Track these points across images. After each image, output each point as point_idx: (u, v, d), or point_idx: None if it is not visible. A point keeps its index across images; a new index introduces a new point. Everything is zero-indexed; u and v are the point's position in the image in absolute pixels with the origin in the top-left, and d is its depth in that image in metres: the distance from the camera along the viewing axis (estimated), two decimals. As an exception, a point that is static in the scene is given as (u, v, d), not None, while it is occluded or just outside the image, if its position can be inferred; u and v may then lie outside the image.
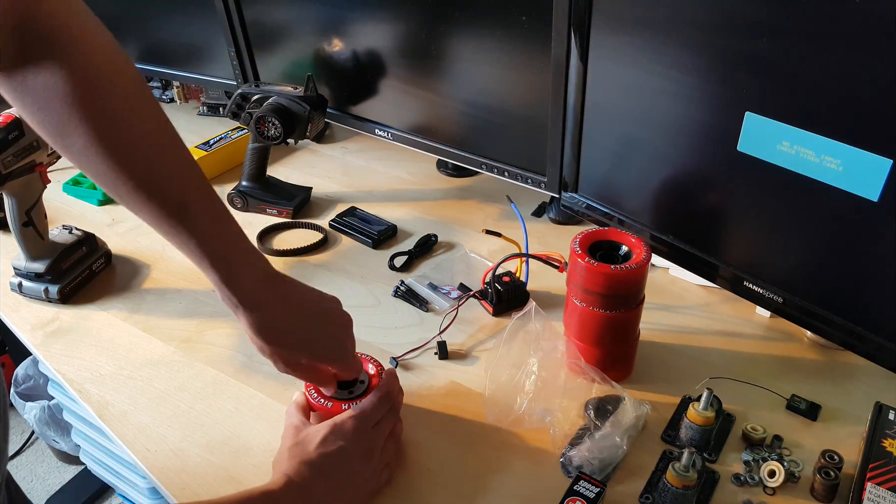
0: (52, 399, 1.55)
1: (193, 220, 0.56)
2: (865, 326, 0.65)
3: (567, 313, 0.77)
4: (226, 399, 0.78)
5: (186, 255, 0.58)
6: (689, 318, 0.87)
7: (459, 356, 0.82)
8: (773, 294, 0.72)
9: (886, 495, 0.59)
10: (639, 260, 0.70)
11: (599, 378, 0.72)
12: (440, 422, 0.73)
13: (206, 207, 0.57)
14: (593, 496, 0.61)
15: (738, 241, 0.75)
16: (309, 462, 0.61)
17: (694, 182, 0.76)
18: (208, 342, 0.86)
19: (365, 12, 1.05)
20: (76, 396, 0.79)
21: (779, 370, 0.78)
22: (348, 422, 0.64)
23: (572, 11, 0.80)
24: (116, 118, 0.53)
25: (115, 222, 1.13)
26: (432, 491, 0.66)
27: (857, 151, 0.58)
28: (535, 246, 0.94)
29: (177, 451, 0.72)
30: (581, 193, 0.92)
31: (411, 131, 1.11)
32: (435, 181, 1.23)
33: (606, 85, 0.81)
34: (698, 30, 0.68)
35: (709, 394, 0.67)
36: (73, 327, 0.90)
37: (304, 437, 0.63)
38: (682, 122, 0.74)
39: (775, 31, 0.61)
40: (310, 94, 1.06)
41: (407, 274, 0.98)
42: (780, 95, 0.63)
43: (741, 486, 0.65)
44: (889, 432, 0.66)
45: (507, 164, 1.00)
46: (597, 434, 0.66)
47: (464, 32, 0.94)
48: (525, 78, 0.91)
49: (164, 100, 1.60)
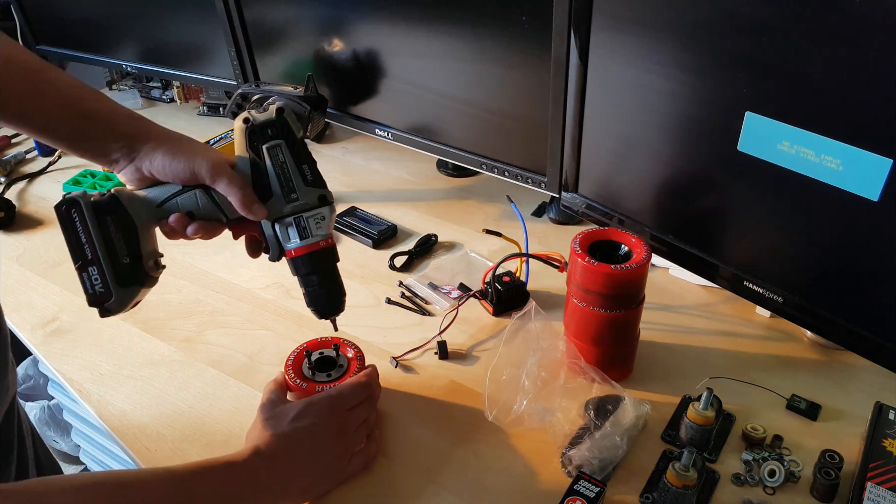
0: (52, 399, 1.55)
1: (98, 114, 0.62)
2: (865, 326, 0.65)
3: (567, 313, 0.77)
4: (226, 399, 0.78)
5: (113, 150, 0.62)
6: (689, 318, 0.87)
7: (459, 356, 0.82)
8: (773, 294, 0.72)
9: (886, 495, 0.59)
10: (639, 260, 0.70)
11: (599, 378, 0.72)
12: (440, 421, 0.73)
13: (103, 101, 0.63)
14: (593, 496, 0.61)
15: (738, 241, 0.75)
16: (280, 435, 0.62)
17: (694, 182, 0.76)
18: (208, 342, 0.86)
19: (365, 12, 1.05)
20: (76, 396, 0.79)
21: (779, 370, 0.78)
22: (323, 401, 0.65)
23: (572, 11, 0.80)
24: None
25: (115, 222, 1.13)
26: (432, 490, 0.66)
27: (857, 151, 0.58)
28: (535, 246, 0.94)
29: (177, 451, 0.72)
30: (581, 193, 0.92)
31: (411, 131, 1.11)
32: (435, 181, 1.23)
33: (606, 85, 0.81)
34: (698, 30, 0.68)
35: (709, 394, 0.67)
36: (73, 327, 0.90)
37: (278, 411, 0.64)
38: (682, 121, 0.74)
39: (775, 31, 0.61)
40: (310, 94, 1.06)
41: (407, 274, 0.98)
42: (780, 95, 0.63)
43: (741, 486, 0.65)
44: (889, 432, 0.66)
45: (507, 164, 1.00)
46: (597, 434, 0.66)
47: (464, 32, 0.94)
48: (525, 78, 0.91)
49: (164, 100, 1.60)
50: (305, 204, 0.64)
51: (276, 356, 0.83)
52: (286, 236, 0.65)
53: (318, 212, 0.64)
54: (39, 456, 0.86)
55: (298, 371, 0.72)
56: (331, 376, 0.71)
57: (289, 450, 0.62)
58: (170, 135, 0.64)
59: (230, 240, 0.70)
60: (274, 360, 0.83)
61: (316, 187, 0.64)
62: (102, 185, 1.20)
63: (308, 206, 0.64)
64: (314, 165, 0.65)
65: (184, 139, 0.64)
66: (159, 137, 0.63)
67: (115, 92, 1.63)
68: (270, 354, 0.84)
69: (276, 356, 0.83)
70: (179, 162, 0.61)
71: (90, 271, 0.62)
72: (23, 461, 0.80)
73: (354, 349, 0.74)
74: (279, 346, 0.85)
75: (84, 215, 0.60)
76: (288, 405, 0.65)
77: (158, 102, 1.60)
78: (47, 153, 1.35)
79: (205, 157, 0.62)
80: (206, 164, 0.61)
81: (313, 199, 0.64)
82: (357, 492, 0.66)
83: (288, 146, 0.63)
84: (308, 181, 0.64)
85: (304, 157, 0.64)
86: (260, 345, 0.86)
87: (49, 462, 0.90)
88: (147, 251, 0.64)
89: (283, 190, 0.63)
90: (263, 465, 0.60)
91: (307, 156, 0.64)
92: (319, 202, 0.64)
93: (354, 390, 0.67)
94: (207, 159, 0.62)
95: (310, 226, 0.64)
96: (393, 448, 0.70)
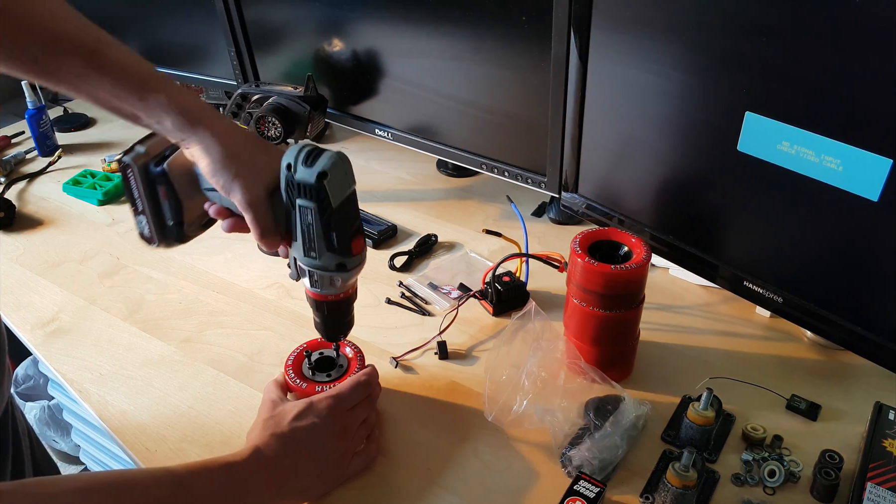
0: (52, 399, 1.55)
1: (112, 55, 0.59)
2: (865, 326, 0.65)
3: (567, 313, 0.77)
4: (226, 399, 0.78)
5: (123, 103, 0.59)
6: (689, 318, 0.87)
7: (459, 356, 0.82)
8: (773, 294, 0.72)
9: (886, 495, 0.59)
10: (639, 260, 0.70)
11: (599, 378, 0.72)
12: (440, 422, 0.73)
13: (119, 45, 0.60)
14: (593, 496, 0.61)
15: (738, 241, 0.75)
16: (279, 435, 0.62)
17: (694, 182, 0.76)
18: (208, 342, 0.86)
19: (365, 12, 1.05)
20: (76, 396, 0.79)
21: (779, 370, 0.78)
22: (324, 401, 0.65)
23: (572, 11, 0.80)
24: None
25: (115, 222, 1.13)
26: (432, 491, 0.66)
27: (857, 151, 0.58)
28: (535, 246, 0.94)
29: (177, 451, 0.72)
30: (581, 193, 0.92)
31: (411, 131, 1.11)
32: (435, 181, 1.23)
33: (606, 85, 0.81)
34: (698, 30, 0.68)
35: (709, 394, 0.67)
36: (73, 327, 0.90)
37: (279, 411, 0.64)
38: (683, 121, 0.74)
39: (775, 31, 0.61)
40: (310, 94, 1.06)
41: (407, 274, 0.98)
42: (780, 95, 0.63)
43: (741, 486, 0.65)
44: (889, 432, 0.66)
45: (507, 164, 1.00)
46: (597, 434, 0.66)
47: (464, 32, 0.94)
48: (525, 78, 0.91)
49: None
50: (322, 265, 0.62)
51: (276, 356, 0.83)
52: (303, 274, 0.64)
53: (332, 275, 0.63)
54: (37, 457, 0.86)
55: (298, 371, 0.72)
56: (331, 376, 0.71)
57: (289, 450, 0.62)
58: (226, 140, 0.60)
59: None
60: (274, 361, 0.83)
61: (337, 255, 0.61)
62: (102, 185, 1.20)
63: (324, 268, 0.62)
64: (345, 232, 0.61)
65: (239, 147, 0.61)
66: (217, 132, 0.60)
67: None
68: (270, 354, 0.84)
69: (276, 356, 0.83)
70: (218, 180, 0.60)
71: (139, 219, 0.68)
72: (18, 463, 0.80)
73: (354, 349, 0.75)
74: (279, 346, 0.85)
75: (137, 178, 0.65)
76: (288, 405, 0.65)
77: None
78: (47, 153, 1.35)
79: (242, 187, 0.59)
80: (239, 196, 0.60)
81: (331, 264, 0.62)
82: (357, 492, 0.66)
83: (318, 211, 0.59)
84: (330, 247, 0.61)
85: (336, 224, 0.60)
86: (260, 345, 0.86)
87: (47, 463, 0.90)
88: (191, 218, 0.67)
89: (304, 246, 0.62)
90: (263, 466, 0.60)
91: (341, 221, 0.60)
92: (336, 269, 0.62)
93: (354, 390, 0.67)
94: (242, 190, 0.60)
95: (322, 282, 0.64)
96: (393, 448, 0.70)
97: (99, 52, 0.58)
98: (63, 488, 0.50)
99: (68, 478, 0.52)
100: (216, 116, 0.61)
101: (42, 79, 0.59)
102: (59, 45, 0.57)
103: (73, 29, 0.58)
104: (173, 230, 0.67)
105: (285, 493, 0.61)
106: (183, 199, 0.65)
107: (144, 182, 0.65)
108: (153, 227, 0.67)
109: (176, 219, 0.66)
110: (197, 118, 0.59)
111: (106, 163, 1.29)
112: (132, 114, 0.60)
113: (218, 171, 0.59)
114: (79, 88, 0.59)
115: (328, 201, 0.58)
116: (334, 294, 0.66)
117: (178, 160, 0.64)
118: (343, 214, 0.60)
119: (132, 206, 0.67)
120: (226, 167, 0.59)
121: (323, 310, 0.67)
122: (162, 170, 0.64)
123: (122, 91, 0.58)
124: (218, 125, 0.60)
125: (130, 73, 0.59)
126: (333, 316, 0.68)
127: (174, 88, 0.60)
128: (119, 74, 0.58)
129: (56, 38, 0.57)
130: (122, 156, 0.65)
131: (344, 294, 0.66)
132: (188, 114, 0.59)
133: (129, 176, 0.65)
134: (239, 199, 0.60)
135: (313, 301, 0.67)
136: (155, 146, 0.65)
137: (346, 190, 0.60)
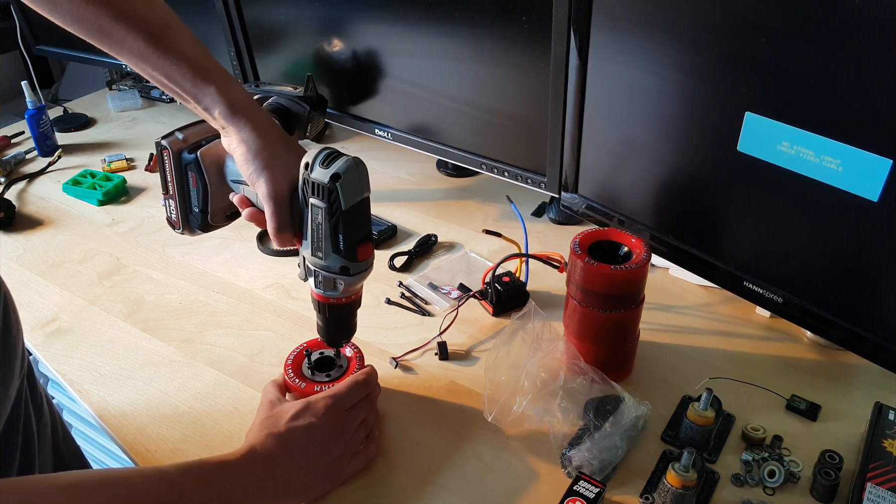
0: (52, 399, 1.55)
1: (175, 40, 0.62)
2: (865, 326, 0.65)
3: (567, 313, 0.77)
4: (226, 399, 0.78)
5: (176, 86, 0.63)
6: (689, 318, 0.87)
7: (459, 356, 0.82)
8: (773, 294, 0.72)
9: (886, 495, 0.59)
10: (639, 260, 0.70)
11: (599, 378, 0.72)
12: (440, 422, 0.73)
13: (183, 30, 0.64)
14: (593, 496, 0.61)
15: (738, 241, 0.75)
16: (277, 435, 0.62)
17: (694, 182, 0.76)
18: (208, 342, 0.86)
19: (365, 12, 1.05)
20: (76, 397, 0.79)
21: (779, 370, 0.78)
22: (322, 401, 0.65)
23: (572, 11, 0.80)
24: None
25: (115, 222, 1.13)
26: (431, 491, 0.66)
27: (857, 151, 0.58)
28: (535, 246, 0.94)
29: (177, 451, 0.72)
30: (581, 193, 0.92)
31: (411, 131, 1.11)
32: (435, 181, 1.23)
33: (606, 85, 0.81)
34: (698, 30, 0.67)
35: (709, 394, 0.67)
36: (73, 327, 0.90)
37: (276, 411, 0.65)
38: (682, 122, 0.74)
39: (775, 31, 0.61)
40: (310, 94, 1.06)
41: (407, 274, 0.98)
42: (780, 95, 0.63)
43: (741, 486, 0.65)
44: (889, 432, 0.66)
45: (507, 164, 1.00)
46: (596, 434, 0.66)
47: (464, 33, 0.94)
48: (525, 78, 0.91)
49: (163, 100, 1.60)
50: (326, 266, 0.63)
51: (275, 356, 0.83)
52: (310, 274, 0.66)
53: (335, 277, 0.64)
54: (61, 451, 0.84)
55: (298, 371, 0.72)
56: (330, 376, 0.71)
57: (286, 450, 0.62)
58: (262, 132, 0.63)
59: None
60: (273, 361, 0.83)
61: (343, 258, 0.62)
62: (102, 185, 1.20)
63: (328, 269, 0.63)
64: (353, 236, 0.61)
65: (273, 141, 0.64)
66: (256, 124, 0.63)
67: (115, 92, 1.63)
68: (270, 354, 0.84)
69: (276, 356, 0.83)
70: (248, 168, 0.63)
71: (168, 202, 0.72)
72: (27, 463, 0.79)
73: (354, 349, 0.75)
74: (279, 346, 0.85)
75: (171, 161, 0.69)
76: (286, 405, 0.65)
77: (158, 102, 1.60)
78: (47, 153, 1.35)
79: (268, 179, 0.62)
80: (264, 187, 0.63)
81: (335, 266, 0.63)
82: (357, 492, 0.66)
83: (328, 212, 0.60)
84: (336, 249, 0.62)
85: (344, 227, 0.61)
86: (259, 345, 0.86)
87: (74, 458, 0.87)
88: (216, 209, 0.71)
89: (312, 245, 0.63)
90: (259, 465, 0.60)
91: (349, 225, 0.61)
92: (340, 272, 0.63)
93: (352, 389, 0.67)
94: (268, 182, 0.63)
95: (326, 283, 0.65)
96: (393, 448, 0.70)
97: (163, 36, 0.62)
98: (51, 485, 0.49)
99: (58, 475, 0.51)
100: (257, 109, 0.65)
101: (104, 47, 0.63)
102: (127, 22, 0.61)
103: (144, 9, 0.62)
104: (197, 217, 0.71)
105: (283, 493, 0.61)
106: (211, 188, 0.69)
107: (177, 166, 0.68)
108: (179, 212, 0.71)
109: (202, 206, 0.70)
110: (241, 109, 0.63)
111: (106, 163, 1.29)
112: (184, 98, 0.64)
113: (250, 161, 0.63)
114: (137, 66, 0.63)
115: (339, 203, 0.60)
116: (337, 297, 0.66)
117: (211, 150, 0.68)
118: (352, 218, 0.61)
119: (163, 188, 0.71)
120: (258, 157, 0.63)
121: (325, 312, 0.68)
122: (195, 157, 0.68)
123: (177, 76, 0.62)
124: (259, 118, 0.64)
125: (188, 60, 0.62)
126: (335, 320, 0.68)
127: (226, 80, 0.64)
128: (177, 60, 0.62)
129: (126, 14, 0.61)
130: (161, 139, 0.68)
131: (347, 299, 0.67)
132: (234, 105, 0.63)
133: (165, 158, 0.69)
134: (263, 190, 0.63)
135: (316, 302, 0.67)
136: (193, 135, 0.69)
137: (357, 195, 0.61)
